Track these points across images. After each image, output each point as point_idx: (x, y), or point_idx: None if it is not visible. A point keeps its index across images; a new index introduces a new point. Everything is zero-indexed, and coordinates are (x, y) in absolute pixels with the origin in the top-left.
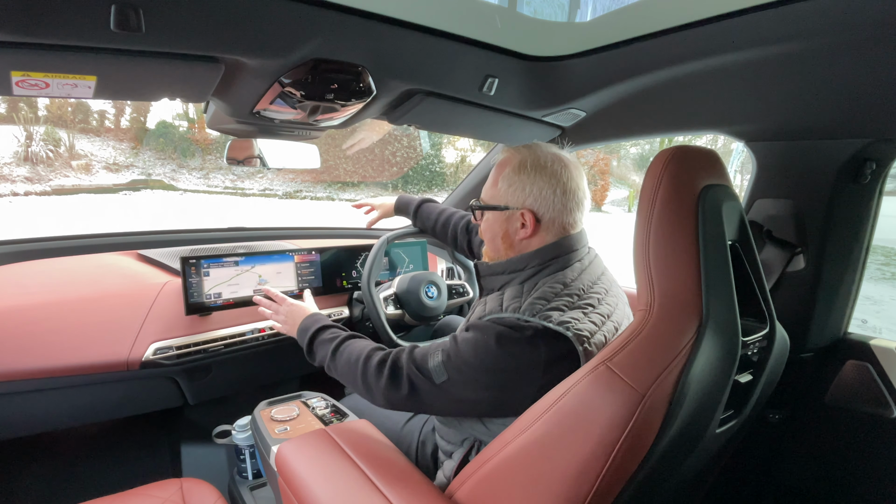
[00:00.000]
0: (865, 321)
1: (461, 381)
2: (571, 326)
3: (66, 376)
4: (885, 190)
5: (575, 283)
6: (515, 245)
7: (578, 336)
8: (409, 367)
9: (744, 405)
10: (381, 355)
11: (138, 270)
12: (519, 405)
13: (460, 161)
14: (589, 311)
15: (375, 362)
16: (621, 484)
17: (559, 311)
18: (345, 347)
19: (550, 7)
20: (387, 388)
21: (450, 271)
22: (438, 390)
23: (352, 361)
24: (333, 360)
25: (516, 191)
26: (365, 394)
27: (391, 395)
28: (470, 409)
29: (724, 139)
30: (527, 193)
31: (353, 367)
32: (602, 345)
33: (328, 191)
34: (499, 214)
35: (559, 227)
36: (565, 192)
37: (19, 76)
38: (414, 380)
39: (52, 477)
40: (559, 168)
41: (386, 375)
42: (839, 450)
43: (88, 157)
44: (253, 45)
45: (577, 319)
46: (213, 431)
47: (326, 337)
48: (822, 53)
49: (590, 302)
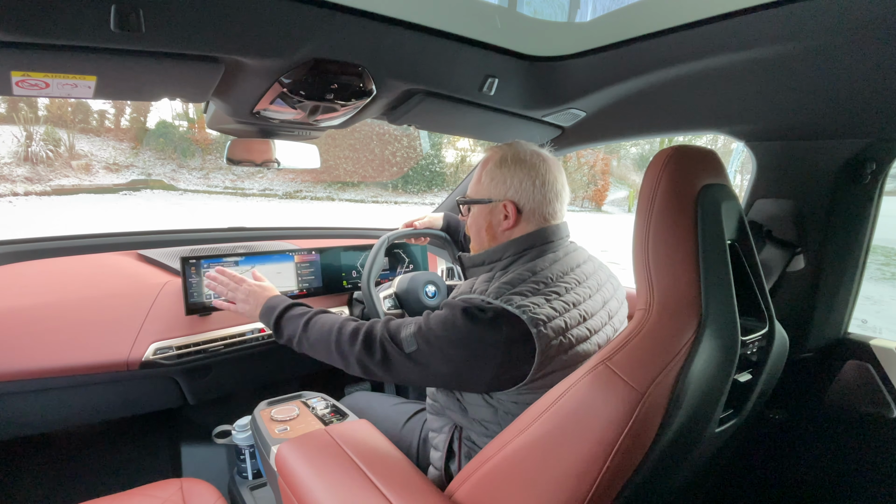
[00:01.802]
0: (865, 321)
1: (429, 351)
2: (528, 310)
3: (67, 376)
4: (885, 190)
5: (544, 272)
6: (498, 236)
7: (533, 319)
8: (382, 334)
9: (743, 405)
10: (356, 324)
11: (138, 270)
12: (478, 380)
13: (460, 161)
14: (553, 297)
15: (349, 330)
16: (621, 483)
17: (521, 296)
18: (317, 319)
19: (550, 7)
20: (360, 353)
21: (450, 271)
22: (408, 359)
23: (325, 331)
24: (305, 331)
25: (498, 184)
26: (339, 361)
27: (365, 360)
28: (434, 379)
29: (724, 139)
30: (508, 185)
31: (327, 337)
32: (561, 330)
33: (328, 191)
34: (483, 207)
35: (539, 216)
36: (544, 183)
37: (19, 76)
38: (387, 347)
39: (52, 477)
40: (538, 161)
41: (360, 341)
42: (839, 450)
43: (88, 157)
44: (253, 45)
45: (536, 304)
46: (213, 431)
47: (296, 313)
48: (822, 53)
49: (556, 290)
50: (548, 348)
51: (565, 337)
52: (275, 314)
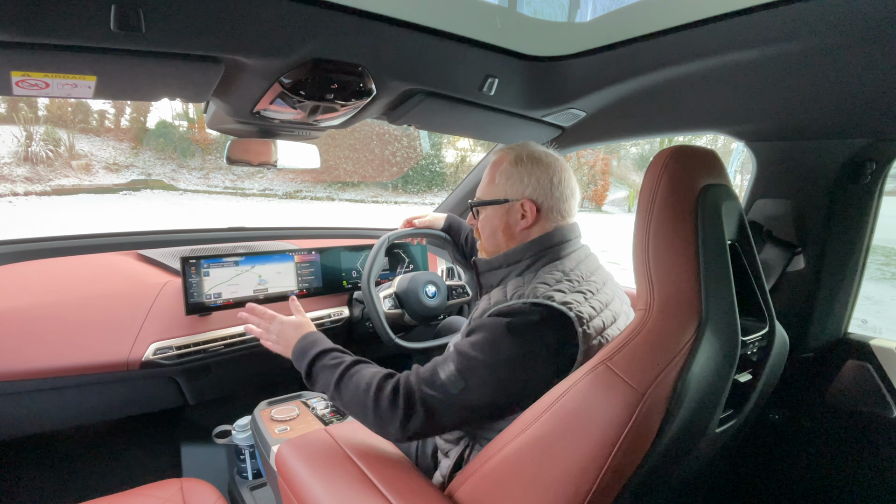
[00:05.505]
0: (865, 321)
1: (479, 383)
2: (573, 307)
3: (67, 376)
4: (885, 190)
5: (574, 271)
6: (516, 236)
7: (579, 318)
8: (419, 389)
9: (743, 405)
10: (393, 383)
11: (138, 270)
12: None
13: (460, 161)
14: (589, 296)
15: (388, 392)
16: (621, 483)
17: (561, 293)
18: (350, 375)
19: (550, 7)
20: (404, 418)
21: (450, 271)
22: (455, 401)
23: (360, 392)
24: (338, 389)
25: (515, 183)
26: (376, 426)
27: (410, 425)
28: (487, 412)
29: (724, 139)
30: (525, 184)
31: (363, 399)
32: (600, 330)
33: (328, 191)
34: (498, 208)
35: (557, 214)
36: (561, 181)
37: (19, 76)
38: (429, 401)
39: (53, 477)
40: (552, 160)
41: (402, 406)
42: (839, 450)
43: (88, 157)
44: (253, 45)
45: (578, 302)
46: (213, 431)
47: (329, 363)
48: (822, 53)
49: (589, 288)
50: (588, 349)
51: (603, 337)
52: (306, 362)
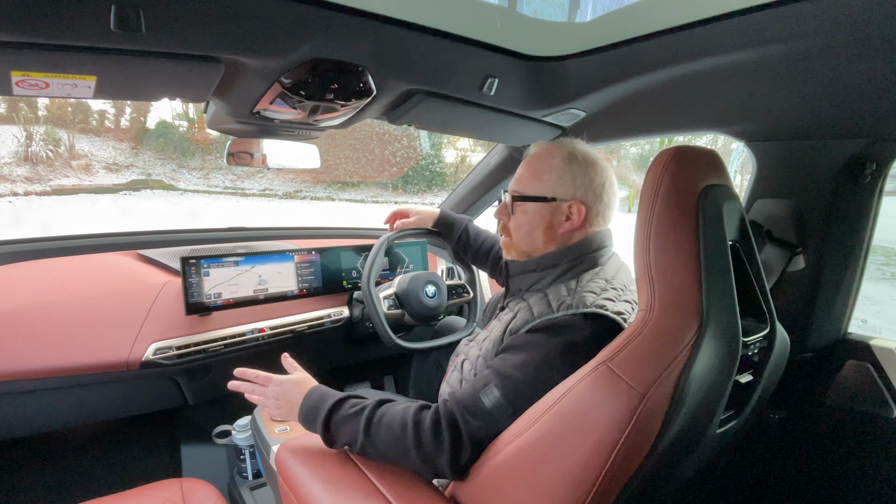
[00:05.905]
0: (865, 321)
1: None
2: (627, 318)
3: (67, 376)
4: (885, 190)
5: (615, 279)
6: (557, 238)
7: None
8: (463, 419)
9: (744, 405)
10: (432, 415)
11: (138, 270)
12: None
13: (460, 161)
14: (634, 305)
15: (429, 426)
16: (622, 484)
17: (611, 302)
18: (379, 417)
19: (550, 7)
20: (453, 453)
21: (450, 271)
22: (503, 427)
23: (396, 432)
24: (369, 436)
25: (566, 182)
26: (422, 466)
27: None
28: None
29: (724, 139)
30: (577, 184)
31: (401, 439)
32: None
33: (328, 191)
34: (543, 206)
35: (601, 219)
36: (611, 185)
37: (19, 76)
38: (476, 434)
39: (52, 477)
40: (604, 163)
41: (447, 439)
42: (839, 450)
43: (88, 157)
44: (253, 45)
45: (627, 312)
46: (213, 431)
47: (348, 412)
48: (822, 53)
49: (634, 298)
50: None
51: None
52: (321, 419)
